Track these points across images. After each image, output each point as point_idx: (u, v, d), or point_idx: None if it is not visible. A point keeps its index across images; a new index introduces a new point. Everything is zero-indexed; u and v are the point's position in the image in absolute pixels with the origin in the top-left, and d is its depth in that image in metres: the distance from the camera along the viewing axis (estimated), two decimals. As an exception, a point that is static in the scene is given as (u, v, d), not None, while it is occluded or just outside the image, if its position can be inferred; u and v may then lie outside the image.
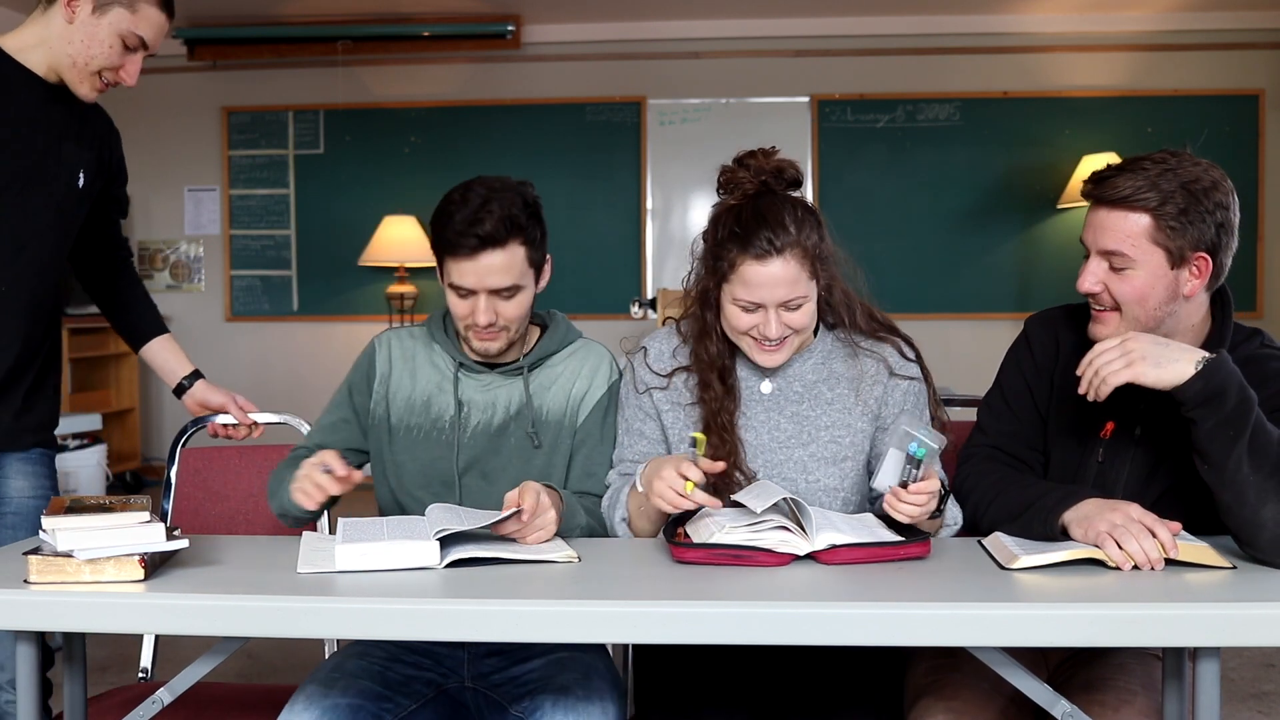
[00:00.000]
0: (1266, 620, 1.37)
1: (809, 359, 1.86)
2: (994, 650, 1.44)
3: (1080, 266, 1.73)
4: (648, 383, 1.89)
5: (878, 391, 1.83)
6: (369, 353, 2.01)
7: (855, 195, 5.90)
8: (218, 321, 6.33)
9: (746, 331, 1.77)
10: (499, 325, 1.85)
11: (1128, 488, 1.75)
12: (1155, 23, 5.84)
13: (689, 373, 1.87)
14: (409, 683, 1.76)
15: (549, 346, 1.96)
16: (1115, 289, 1.68)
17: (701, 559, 1.56)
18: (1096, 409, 1.74)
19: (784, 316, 1.74)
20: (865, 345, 1.86)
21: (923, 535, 1.58)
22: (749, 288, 1.73)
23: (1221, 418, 1.54)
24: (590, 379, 1.95)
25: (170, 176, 6.29)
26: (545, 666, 1.74)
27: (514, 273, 1.82)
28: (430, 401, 1.94)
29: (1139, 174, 1.64)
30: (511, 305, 1.85)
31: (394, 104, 6.21)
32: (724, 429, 1.80)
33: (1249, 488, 1.54)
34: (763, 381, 1.86)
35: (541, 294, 1.94)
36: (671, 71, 6.09)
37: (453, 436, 1.91)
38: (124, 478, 6.00)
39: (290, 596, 1.44)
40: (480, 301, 1.83)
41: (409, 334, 2.02)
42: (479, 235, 1.78)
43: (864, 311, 1.87)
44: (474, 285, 1.82)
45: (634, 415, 1.90)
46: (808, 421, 1.83)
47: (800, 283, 1.73)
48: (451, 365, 1.95)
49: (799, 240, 1.72)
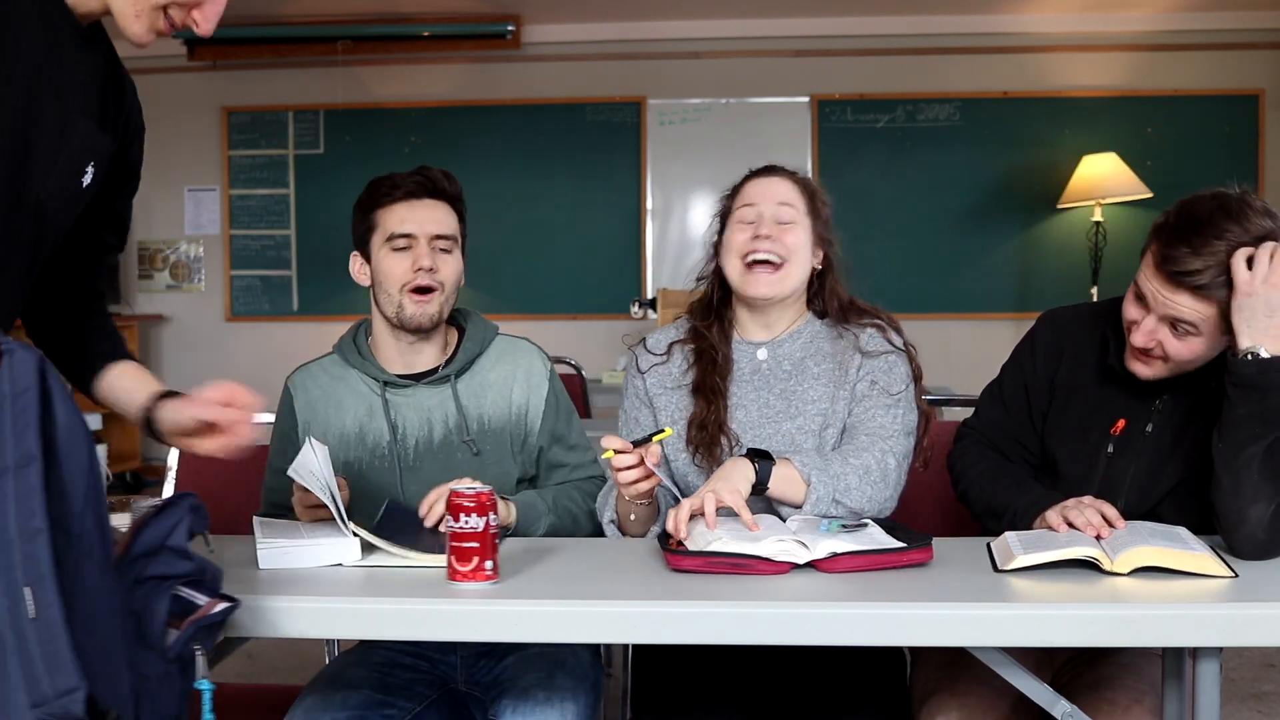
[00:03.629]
0: (1266, 620, 1.37)
1: (798, 339, 1.92)
2: (994, 650, 1.44)
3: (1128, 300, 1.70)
4: (644, 365, 1.96)
5: (856, 361, 1.88)
6: (285, 401, 1.96)
7: (855, 195, 5.89)
8: (218, 321, 6.32)
9: (742, 248, 1.86)
10: (436, 280, 1.85)
11: (1135, 484, 1.76)
12: (1155, 23, 5.84)
13: (685, 347, 1.94)
14: (410, 685, 1.75)
15: (471, 349, 1.93)
16: (1170, 346, 1.67)
17: (698, 567, 1.54)
18: (1107, 405, 1.76)
19: (777, 230, 1.85)
20: (848, 328, 1.92)
21: (925, 541, 1.58)
22: (747, 195, 1.90)
23: (1255, 410, 1.57)
24: (527, 383, 1.94)
25: (170, 176, 6.28)
26: (515, 665, 1.72)
27: (451, 225, 1.89)
28: (363, 431, 1.89)
29: (1211, 255, 1.59)
30: (448, 263, 1.87)
31: (394, 104, 6.20)
32: (713, 390, 1.87)
33: (1249, 483, 1.57)
34: (759, 349, 1.92)
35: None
36: (671, 71, 6.09)
37: (393, 462, 1.87)
38: (124, 478, 6.00)
39: (290, 597, 1.44)
40: (421, 246, 1.85)
41: (319, 368, 1.98)
42: (418, 179, 1.86)
43: (850, 304, 1.94)
44: (415, 230, 1.85)
45: (632, 403, 1.96)
46: (795, 396, 1.88)
47: (794, 203, 1.88)
48: (377, 386, 1.90)
49: (800, 181, 1.91)
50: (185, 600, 1.27)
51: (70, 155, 1.46)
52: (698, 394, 1.88)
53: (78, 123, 1.46)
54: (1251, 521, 1.57)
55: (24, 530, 1.05)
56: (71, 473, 1.09)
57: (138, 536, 1.27)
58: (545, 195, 6.11)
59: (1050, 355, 1.87)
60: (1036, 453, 1.89)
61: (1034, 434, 1.88)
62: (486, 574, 1.47)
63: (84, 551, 1.10)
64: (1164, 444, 1.76)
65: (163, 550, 1.27)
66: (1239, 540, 1.58)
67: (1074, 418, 1.83)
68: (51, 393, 1.09)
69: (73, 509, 1.09)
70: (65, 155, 1.45)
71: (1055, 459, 1.85)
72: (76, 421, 1.10)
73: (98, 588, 1.11)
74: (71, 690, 1.04)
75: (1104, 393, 1.81)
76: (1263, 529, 1.56)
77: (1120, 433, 1.78)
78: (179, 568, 1.27)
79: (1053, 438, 1.86)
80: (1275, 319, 1.56)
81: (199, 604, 1.27)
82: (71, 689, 1.04)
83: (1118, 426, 1.79)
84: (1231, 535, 1.59)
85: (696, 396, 1.88)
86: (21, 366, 1.09)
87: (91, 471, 1.11)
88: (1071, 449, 1.83)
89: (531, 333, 2.15)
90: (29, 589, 1.04)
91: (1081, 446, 1.82)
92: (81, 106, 1.46)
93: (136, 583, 1.24)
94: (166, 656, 1.23)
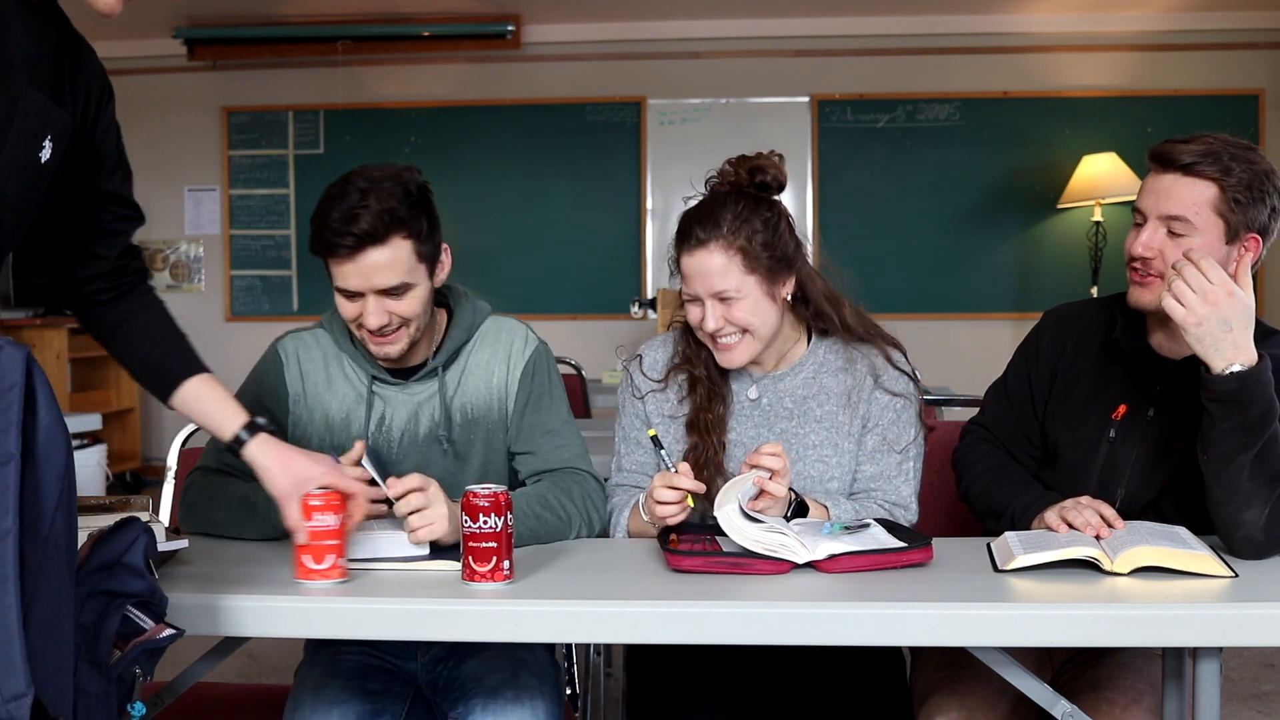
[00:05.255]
0: (1266, 620, 1.37)
1: (800, 373, 1.86)
2: (994, 650, 1.44)
3: (1130, 234, 1.73)
4: (642, 389, 1.90)
5: (863, 410, 1.83)
6: (273, 364, 1.85)
7: (855, 195, 5.89)
8: (218, 321, 6.32)
9: (698, 326, 1.79)
10: (393, 325, 1.72)
11: (1137, 469, 1.76)
12: (1155, 23, 5.84)
13: (683, 374, 1.88)
14: (389, 689, 1.73)
15: (459, 337, 1.84)
16: (1170, 255, 1.67)
17: (698, 567, 1.54)
18: (1109, 390, 1.76)
19: (720, 310, 1.75)
20: (856, 350, 1.86)
21: (924, 541, 1.58)
22: (685, 280, 1.78)
23: (1239, 423, 1.55)
24: (507, 361, 1.85)
25: (170, 176, 6.28)
26: (476, 666, 1.70)
27: (400, 270, 1.69)
28: (349, 419, 1.83)
29: (1198, 144, 1.67)
30: (404, 303, 1.71)
31: (394, 104, 6.20)
32: (706, 428, 1.81)
33: (1241, 490, 1.56)
34: (750, 388, 1.86)
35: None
36: (671, 71, 6.09)
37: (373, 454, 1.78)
38: (124, 478, 6.00)
39: (291, 597, 1.44)
40: (369, 303, 1.70)
41: (313, 339, 1.86)
42: (355, 234, 1.65)
43: (853, 312, 1.87)
44: (359, 286, 1.69)
45: (630, 424, 1.91)
46: (796, 439, 1.83)
47: (730, 275, 1.73)
48: (365, 377, 1.83)
49: (727, 235, 1.73)
50: (132, 621, 1.25)
51: (21, 129, 1.38)
52: (692, 431, 1.83)
53: (28, 96, 1.39)
54: (1247, 525, 1.56)
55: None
56: (47, 475, 1.07)
57: (95, 549, 1.24)
58: (545, 195, 6.11)
59: (1054, 344, 1.88)
60: (1039, 444, 1.89)
61: (1036, 424, 1.88)
62: (504, 574, 1.47)
63: (50, 555, 1.07)
64: (1166, 430, 1.75)
65: (118, 566, 1.25)
66: (1237, 543, 1.58)
67: (1075, 403, 1.83)
68: (36, 392, 1.07)
69: (44, 512, 1.06)
70: (16, 129, 1.38)
71: (1057, 446, 1.85)
72: (57, 423, 1.08)
73: (58, 593, 1.08)
74: (19, 696, 1.02)
75: (1106, 378, 1.81)
76: (1259, 531, 1.56)
77: (1122, 418, 1.78)
78: (133, 585, 1.25)
79: (1054, 424, 1.86)
80: (1234, 332, 1.54)
81: (144, 627, 1.26)
82: (19, 695, 1.01)
83: (1119, 411, 1.78)
84: (1229, 539, 1.59)
85: (690, 433, 1.83)
86: (8, 364, 1.06)
87: (66, 475, 1.08)
88: (1073, 435, 1.82)
89: (531, 333, 2.13)
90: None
91: (1083, 432, 1.81)
92: (31, 79, 1.40)
93: (89, 596, 1.22)
94: (109, 675, 1.21)
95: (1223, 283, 1.53)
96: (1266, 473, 1.56)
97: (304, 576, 1.48)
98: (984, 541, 1.69)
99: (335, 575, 1.48)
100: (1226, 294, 1.53)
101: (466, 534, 1.47)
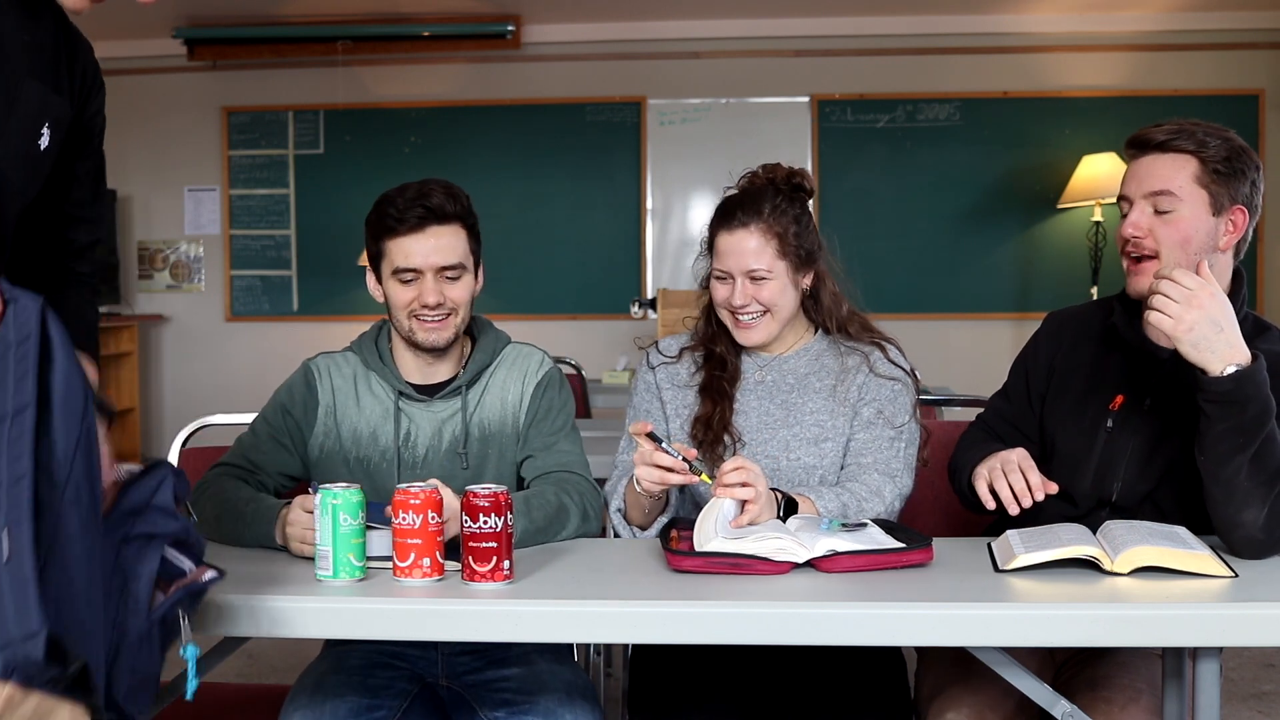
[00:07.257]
0: (1266, 620, 1.37)
1: (803, 356, 1.99)
2: (994, 650, 1.44)
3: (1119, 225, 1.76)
4: (655, 361, 2.04)
5: (859, 380, 1.93)
6: (306, 381, 1.94)
7: (855, 195, 5.89)
8: (218, 321, 6.32)
9: (724, 304, 1.93)
10: (446, 308, 1.84)
11: (1134, 459, 1.77)
12: (1155, 23, 5.84)
13: (694, 353, 2.00)
14: (391, 684, 1.75)
15: (483, 360, 1.93)
16: (1160, 233, 1.70)
17: (698, 568, 1.55)
18: (1107, 381, 1.77)
19: (750, 288, 1.89)
20: (853, 345, 1.97)
21: (924, 541, 1.58)
22: (720, 256, 1.92)
23: (1235, 424, 1.55)
24: (522, 381, 1.94)
25: (170, 176, 6.28)
26: (525, 679, 1.73)
27: (458, 252, 1.84)
28: (376, 433, 1.90)
29: (1173, 125, 1.72)
30: (457, 289, 1.85)
31: (394, 104, 6.20)
32: (719, 392, 1.94)
33: (1239, 490, 1.56)
34: (756, 371, 1.98)
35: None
36: (671, 71, 6.09)
37: (397, 467, 1.87)
38: (124, 478, 6.00)
39: (292, 597, 1.44)
40: (428, 280, 1.82)
41: (343, 360, 1.97)
42: (426, 206, 1.80)
43: (854, 318, 1.99)
44: (420, 264, 1.82)
45: (642, 396, 2.03)
46: (794, 407, 1.93)
47: (765, 256, 1.88)
48: (392, 393, 1.90)
49: (767, 220, 1.89)
50: (172, 564, 1.25)
51: (22, 118, 1.43)
52: (705, 394, 1.96)
53: (28, 86, 1.43)
54: (1247, 525, 1.56)
55: (11, 474, 1.03)
56: (65, 419, 1.08)
57: (123, 495, 1.24)
58: (545, 195, 6.10)
59: (1052, 342, 1.92)
60: (1035, 438, 1.90)
61: (1033, 417, 1.91)
62: (504, 574, 1.47)
63: (70, 499, 1.08)
64: (1163, 420, 1.75)
65: (149, 508, 1.24)
66: (1236, 543, 1.59)
67: (1072, 395, 1.85)
68: (52, 340, 1.08)
69: (60, 455, 1.07)
70: (16, 118, 1.42)
71: (1054, 439, 1.86)
72: (74, 369, 1.09)
73: (80, 536, 1.09)
74: (33, 634, 1.01)
75: (1103, 370, 1.83)
76: (1259, 530, 1.56)
77: (1119, 408, 1.79)
78: (167, 526, 1.24)
79: (1052, 417, 1.87)
80: (1225, 331, 1.55)
81: (183, 568, 1.26)
82: (33, 633, 1.01)
83: (1116, 402, 1.79)
84: (1228, 539, 1.60)
85: (703, 396, 1.96)
86: (24, 314, 1.07)
87: (85, 419, 1.09)
88: (1070, 426, 1.84)
89: (532, 333, 2.15)
90: (5, 531, 1.03)
91: (1080, 423, 1.82)
92: (30, 69, 1.43)
93: (124, 541, 1.21)
94: (150, 618, 1.20)
95: (1201, 285, 1.55)
96: (1264, 472, 1.56)
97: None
98: (984, 541, 1.69)
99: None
100: (1208, 295, 1.55)
101: (466, 534, 1.47)
